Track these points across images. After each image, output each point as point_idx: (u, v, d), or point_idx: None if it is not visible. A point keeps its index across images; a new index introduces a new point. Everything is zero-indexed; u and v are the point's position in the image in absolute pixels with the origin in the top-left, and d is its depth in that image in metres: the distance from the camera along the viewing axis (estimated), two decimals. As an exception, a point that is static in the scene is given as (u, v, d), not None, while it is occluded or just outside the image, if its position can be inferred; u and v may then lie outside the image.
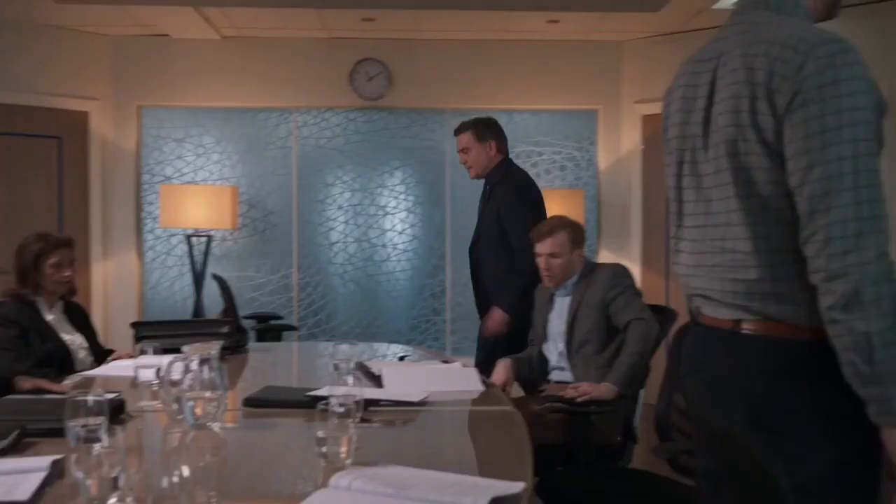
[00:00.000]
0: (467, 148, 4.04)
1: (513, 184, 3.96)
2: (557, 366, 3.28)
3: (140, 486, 1.41)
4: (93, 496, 1.44)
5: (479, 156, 4.03)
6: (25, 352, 3.02)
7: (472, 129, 4.05)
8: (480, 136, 4.02)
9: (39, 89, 5.49)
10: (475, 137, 4.02)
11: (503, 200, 3.91)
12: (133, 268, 5.90)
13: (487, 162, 4.04)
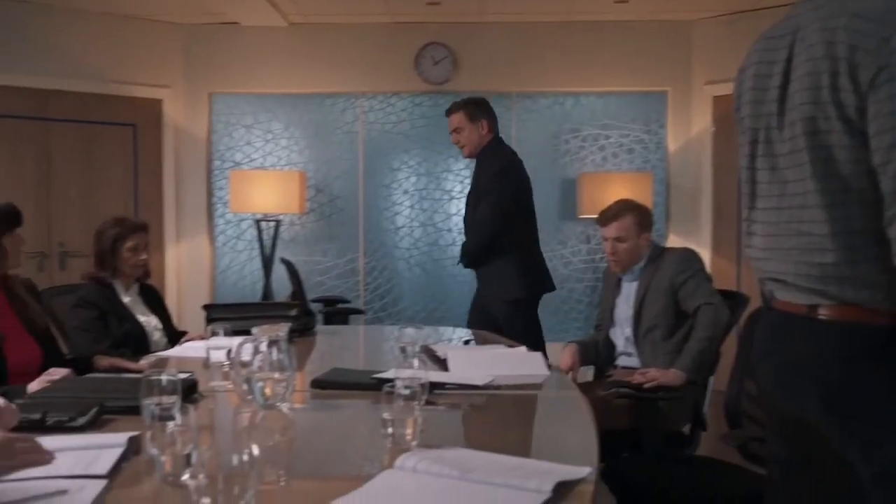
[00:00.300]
0: (459, 128, 4.15)
1: (499, 161, 4.09)
2: (624, 351, 3.25)
3: (211, 464, 1.45)
4: (167, 472, 1.48)
5: (471, 135, 4.13)
6: (104, 333, 3.13)
7: (464, 109, 4.15)
8: (472, 115, 4.12)
9: (114, 78, 5.64)
10: (467, 117, 4.13)
11: (486, 172, 4.08)
12: (205, 252, 6.04)
13: (479, 141, 4.13)
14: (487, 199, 3.99)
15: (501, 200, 3.96)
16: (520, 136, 6.02)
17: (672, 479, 2.40)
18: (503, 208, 3.97)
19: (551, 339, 5.65)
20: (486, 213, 3.98)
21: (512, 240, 4.01)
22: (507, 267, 3.98)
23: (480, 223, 4.01)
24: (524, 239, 4.13)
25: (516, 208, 4.07)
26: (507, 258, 3.98)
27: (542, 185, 6.02)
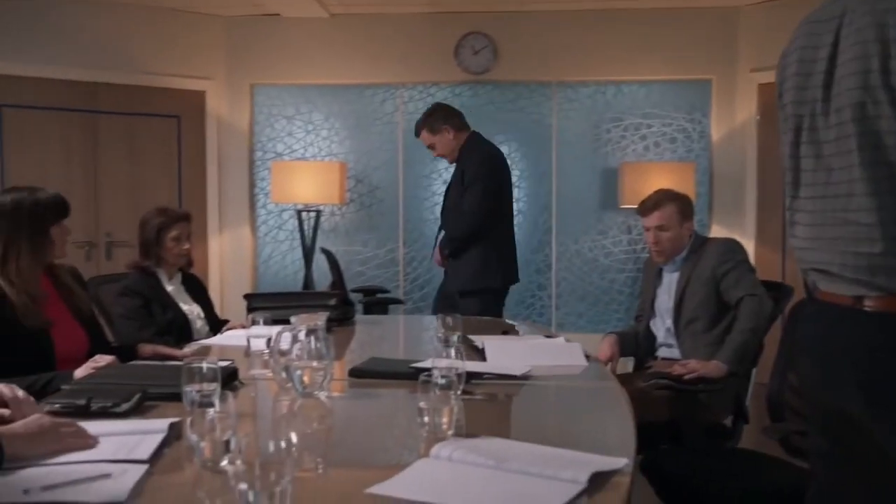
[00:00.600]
0: (431, 144, 4.31)
1: (480, 153, 4.22)
2: (665, 342, 3.21)
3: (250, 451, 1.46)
4: (206, 458, 1.51)
5: (442, 146, 4.29)
6: (148, 321, 3.19)
7: (425, 126, 4.30)
8: (433, 128, 4.27)
9: (159, 71, 5.73)
10: (430, 132, 4.27)
11: (470, 164, 4.18)
12: (247, 242, 6.11)
13: (453, 144, 4.27)
14: (474, 189, 4.10)
15: (487, 190, 4.10)
16: (560, 126, 5.98)
17: (711, 471, 2.37)
18: (490, 196, 4.11)
19: (591, 331, 5.66)
20: (474, 203, 4.08)
21: (495, 230, 4.17)
22: (488, 256, 4.13)
23: (468, 212, 4.11)
24: (504, 230, 4.28)
25: (500, 198, 4.21)
26: (489, 248, 4.13)
27: (583, 174, 5.99)
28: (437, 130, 4.25)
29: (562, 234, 6.01)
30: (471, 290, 4.15)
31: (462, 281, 4.20)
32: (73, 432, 1.61)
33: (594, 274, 6.02)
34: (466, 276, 4.18)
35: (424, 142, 4.35)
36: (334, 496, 1.43)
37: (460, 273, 4.22)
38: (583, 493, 1.34)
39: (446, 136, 4.26)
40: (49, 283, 2.66)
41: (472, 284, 4.15)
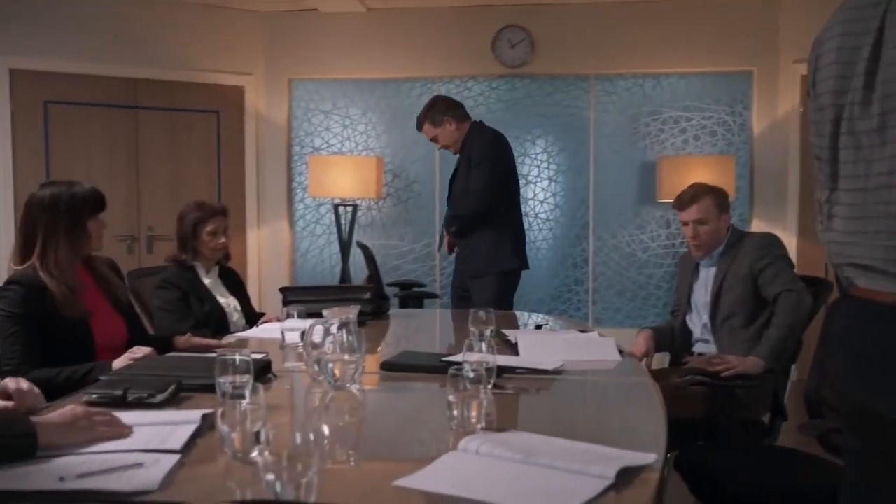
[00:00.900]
0: (434, 136, 4.35)
1: (486, 136, 4.28)
2: (701, 338, 3.17)
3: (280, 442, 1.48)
4: (236, 448, 1.52)
5: (445, 137, 4.33)
6: (186, 313, 3.24)
7: (426, 120, 4.34)
8: (434, 121, 4.31)
9: (199, 66, 5.80)
10: (433, 125, 4.32)
11: (476, 147, 4.22)
12: (285, 235, 6.17)
13: (456, 135, 4.32)
14: (481, 168, 4.15)
15: (496, 168, 4.16)
16: (598, 119, 5.94)
17: (746, 468, 2.33)
18: (497, 176, 4.17)
19: (629, 326, 5.61)
20: (483, 179, 4.13)
21: (506, 213, 4.24)
22: (501, 239, 4.20)
23: (475, 191, 4.16)
24: (514, 213, 4.35)
25: (509, 180, 4.28)
26: (501, 231, 4.20)
27: (620, 168, 5.94)
28: (439, 123, 4.30)
29: (599, 228, 5.97)
30: (485, 273, 4.21)
31: (475, 264, 4.26)
32: (107, 421, 1.64)
33: (632, 269, 5.97)
34: (479, 259, 4.24)
35: (427, 135, 4.39)
36: (361, 488, 1.43)
37: (473, 256, 4.29)
38: (610, 488, 1.33)
39: (448, 128, 4.31)
40: (88, 274, 2.71)
41: (485, 267, 4.21)
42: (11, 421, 1.54)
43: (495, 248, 4.19)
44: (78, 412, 1.62)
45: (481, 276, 4.22)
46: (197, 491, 1.37)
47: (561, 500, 1.27)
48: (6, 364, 2.47)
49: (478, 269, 4.25)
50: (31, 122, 5.34)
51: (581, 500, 1.28)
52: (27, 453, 1.47)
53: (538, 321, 3.45)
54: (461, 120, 4.32)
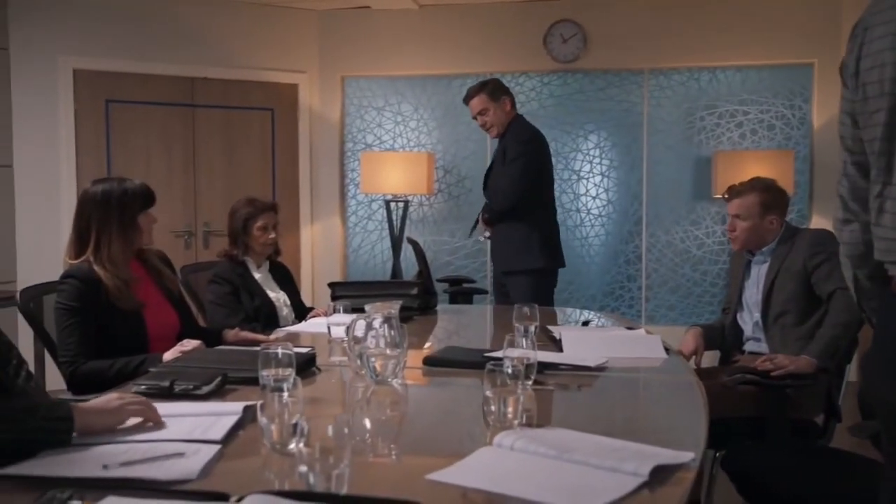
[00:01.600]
0: (485, 109, 4.29)
1: (526, 132, 4.26)
2: (752, 336, 3.11)
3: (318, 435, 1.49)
4: (275, 440, 1.55)
5: (497, 114, 4.29)
6: (236, 308, 3.30)
7: (485, 91, 4.29)
8: (494, 95, 4.27)
9: (254, 65, 5.89)
10: (491, 98, 4.27)
11: (514, 141, 4.22)
12: (337, 231, 6.23)
13: (505, 118, 4.29)
14: (516, 164, 4.16)
15: (529, 165, 4.16)
16: (652, 114, 5.86)
17: (796, 470, 2.28)
18: (531, 174, 4.16)
19: (683, 323, 5.52)
20: (515, 176, 4.15)
21: (537, 211, 4.22)
22: (529, 237, 4.18)
23: (506, 187, 4.19)
24: (547, 212, 4.33)
25: (542, 179, 4.26)
26: (531, 229, 4.18)
27: (674, 163, 5.85)
28: (498, 98, 4.27)
29: (652, 224, 5.89)
30: (513, 270, 4.25)
31: (506, 260, 4.31)
32: (139, 410, 1.69)
33: (686, 265, 5.87)
34: (508, 256, 4.28)
35: (476, 107, 4.31)
36: (394, 481, 1.44)
37: (502, 253, 4.34)
38: (643, 486, 1.31)
39: (504, 107, 4.29)
40: (140, 267, 2.79)
41: (514, 264, 4.24)
42: (54, 405, 1.60)
43: (525, 246, 4.20)
44: (111, 398, 1.69)
45: (513, 273, 4.25)
46: (234, 481, 1.40)
47: (592, 497, 1.26)
48: (62, 356, 2.55)
49: (508, 266, 4.29)
50: (93, 121, 5.50)
51: (613, 497, 1.26)
52: (64, 437, 1.54)
53: (584, 318, 3.42)
54: (513, 106, 4.34)
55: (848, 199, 1.61)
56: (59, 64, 5.39)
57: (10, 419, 1.51)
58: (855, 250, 1.61)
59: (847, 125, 1.61)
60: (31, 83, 5.38)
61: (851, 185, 1.62)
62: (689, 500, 1.39)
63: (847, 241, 1.62)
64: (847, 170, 1.62)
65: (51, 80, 5.40)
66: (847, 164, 1.62)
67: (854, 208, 1.60)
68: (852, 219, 1.61)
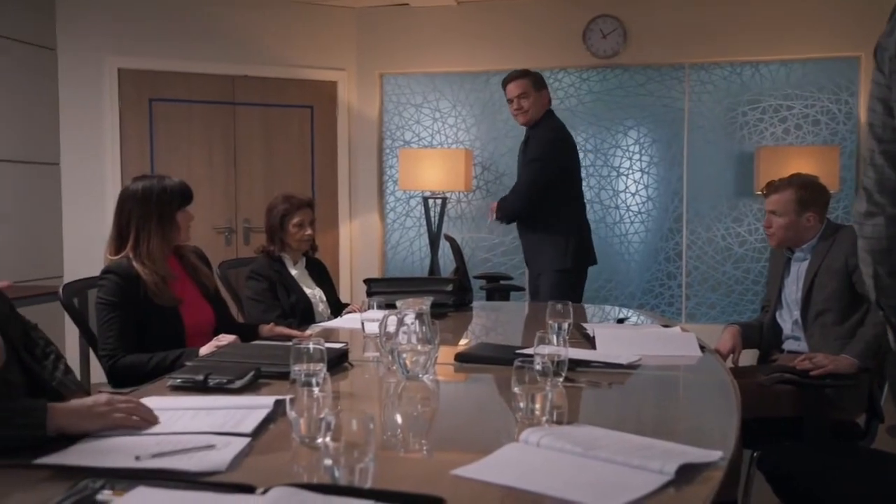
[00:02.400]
0: (525, 93, 4.27)
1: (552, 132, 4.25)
2: (792, 335, 3.05)
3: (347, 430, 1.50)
4: (303, 434, 1.57)
5: (535, 102, 4.28)
6: (273, 303, 3.34)
7: (529, 78, 4.32)
8: (537, 84, 4.31)
9: (293, 63, 5.95)
10: (533, 86, 4.28)
11: (538, 140, 4.22)
12: (375, 228, 6.26)
13: (541, 109, 4.29)
14: (532, 167, 4.19)
15: (546, 169, 4.16)
16: (692, 110, 5.78)
17: (835, 471, 2.23)
18: (548, 176, 4.16)
19: (724, 322, 5.43)
20: (528, 181, 4.19)
21: (563, 209, 4.23)
22: (559, 236, 4.20)
23: (519, 190, 4.25)
24: (575, 209, 4.33)
25: (564, 179, 4.25)
26: (560, 229, 4.20)
27: (716, 159, 5.77)
28: (540, 88, 4.31)
29: (693, 221, 5.81)
30: (543, 270, 4.27)
31: (534, 260, 4.34)
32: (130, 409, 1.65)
33: (728, 263, 5.79)
34: (536, 256, 4.30)
35: (516, 89, 4.29)
36: (419, 476, 1.45)
37: (531, 253, 4.36)
38: (669, 484, 1.30)
39: (544, 98, 4.32)
40: (177, 263, 2.84)
41: (542, 264, 4.27)
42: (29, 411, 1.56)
43: (552, 246, 4.21)
44: (100, 399, 1.65)
45: (541, 272, 4.28)
46: (263, 474, 1.41)
47: (617, 494, 1.25)
48: (102, 349, 2.61)
49: (537, 266, 4.31)
50: (137, 119, 5.60)
51: (637, 494, 1.25)
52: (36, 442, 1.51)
53: (620, 315, 3.39)
54: (549, 101, 4.38)
55: (874, 190, 1.54)
56: (105, 63, 5.51)
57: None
58: (877, 245, 1.54)
59: (878, 112, 1.54)
60: (77, 83, 5.50)
61: (879, 175, 1.55)
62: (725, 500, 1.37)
63: (869, 236, 1.55)
64: (875, 160, 1.55)
65: (96, 80, 5.51)
66: (875, 153, 1.55)
67: (880, 200, 1.53)
68: (877, 212, 1.54)
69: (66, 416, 1.58)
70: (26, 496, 1.29)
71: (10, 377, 1.79)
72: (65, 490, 1.26)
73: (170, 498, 1.24)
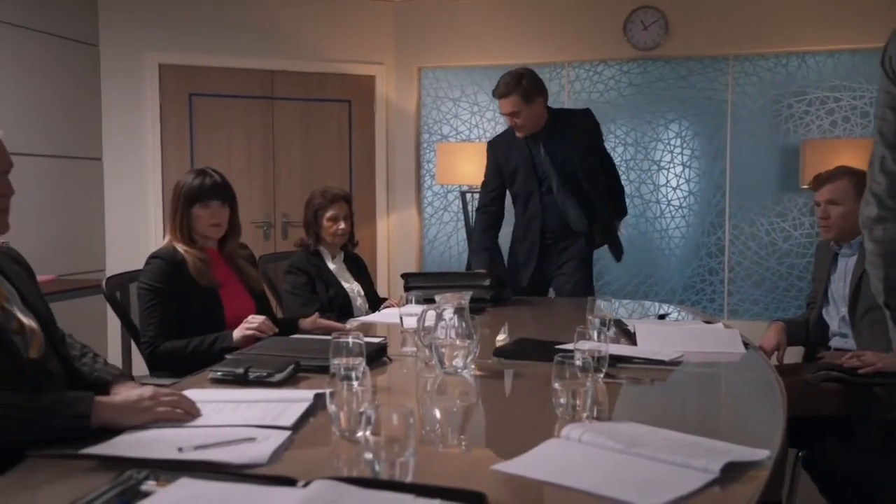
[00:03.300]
0: (517, 112, 3.84)
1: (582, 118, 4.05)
2: (839, 332, 2.98)
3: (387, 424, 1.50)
4: (343, 428, 1.57)
5: (528, 117, 3.86)
6: (311, 297, 3.35)
7: (518, 92, 3.80)
8: (528, 96, 3.81)
9: (331, 57, 5.96)
10: (524, 99, 3.82)
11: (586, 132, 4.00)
12: (413, 222, 6.26)
13: (538, 119, 3.89)
14: (605, 151, 4.26)
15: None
16: (736, 102, 5.68)
17: (884, 471, 2.18)
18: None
19: (767, 318, 5.34)
20: (613, 163, 4.28)
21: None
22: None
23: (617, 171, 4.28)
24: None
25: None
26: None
27: (760, 153, 5.66)
28: (531, 99, 3.82)
29: (736, 216, 5.72)
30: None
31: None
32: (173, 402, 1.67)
33: (772, 259, 5.69)
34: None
35: (507, 107, 3.84)
36: (458, 471, 1.44)
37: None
38: (714, 482, 1.27)
39: (539, 108, 3.86)
40: (221, 259, 2.89)
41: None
42: (74, 400, 1.59)
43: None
44: (145, 393, 1.67)
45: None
46: (303, 467, 1.42)
47: (660, 492, 1.23)
48: (143, 336, 2.68)
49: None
50: (177, 114, 5.66)
51: (681, 492, 1.23)
52: (80, 433, 1.52)
53: (661, 311, 3.35)
54: (546, 102, 3.94)
55: (885, 196, 1.61)
56: (146, 59, 5.57)
57: (30, 420, 1.53)
58: (890, 248, 1.60)
59: (890, 121, 1.59)
60: (119, 78, 5.57)
61: (890, 181, 1.60)
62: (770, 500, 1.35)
63: (880, 240, 1.62)
64: (885, 166, 1.60)
65: (138, 75, 5.58)
66: (886, 160, 1.61)
67: (891, 205, 1.60)
68: (888, 216, 1.60)
69: (112, 412, 1.60)
70: (71, 486, 1.31)
71: (51, 368, 1.82)
72: (110, 480, 1.28)
73: (212, 489, 1.25)
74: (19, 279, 1.89)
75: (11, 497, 1.31)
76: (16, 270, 1.91)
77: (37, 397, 1.60)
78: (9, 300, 1.80)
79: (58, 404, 1.56)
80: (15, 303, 1.81)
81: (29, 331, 1.78)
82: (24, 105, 4.85)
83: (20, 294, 1.85)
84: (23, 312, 1.81)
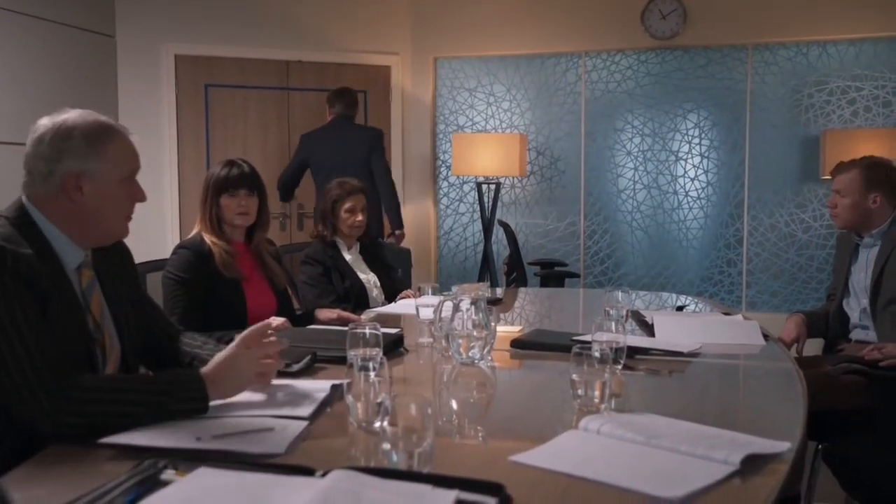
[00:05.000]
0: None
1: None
2: (860, 324, 2.95)
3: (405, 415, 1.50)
4: (360, 418, 1.57)
5: None
6: (327, 288, 3.35)
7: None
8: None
9: (347, 48, 5.95)
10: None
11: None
12: (429, 214, 6.25)
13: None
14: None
15: None
16: (755, 92, 5.62)
17: (905, 465, 2.15)
18: None
19: (786, 310, 5.31)
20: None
21: None
22: None
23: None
24: None
25: None
26: None
27: (779, 143, 5.61)
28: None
29: (755, 207, 5.67)
30: None
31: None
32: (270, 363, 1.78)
33: (791, 250, 5.64)
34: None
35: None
36: (476, 462, 1.43)
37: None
38: (734, 474, 1.26)
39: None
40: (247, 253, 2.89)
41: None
42: (188, 383, 1.63)
43: None
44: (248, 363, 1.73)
45: None
46: (321, 457, 1.42)
47: (679, 484, 1.22)
48: (167, 326, 2.68)
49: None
50: (193, 105, 5.67)
51: (701, 484, 1.22)
52: (195, 413, 1.60)
53: (679, 303, 3.32)
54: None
55: None
56: (162, 50, 5.58)
57: (149, 404, 1.57)
58: None
59: None
60: (135, 69, 5.59)
61: None
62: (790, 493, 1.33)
63: None
64: None
65: (154, 66, 5.60)
66: None
67: None
68: None
69: (221, 385, 1.66)
70: (91, 475, 1.31)
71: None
72: (129, 469, 1.28)
73: (231, 478, 1.25)
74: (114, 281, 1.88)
75: (32, 486, 1.32)
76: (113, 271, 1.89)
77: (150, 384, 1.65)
78: (103, 313, 1.82)
79: (173, 387, 1.60)
80: (106, 315, 1.83)
81: (109, 347, 1.81)
82: (40, 96, 4.87)
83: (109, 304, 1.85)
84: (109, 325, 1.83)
